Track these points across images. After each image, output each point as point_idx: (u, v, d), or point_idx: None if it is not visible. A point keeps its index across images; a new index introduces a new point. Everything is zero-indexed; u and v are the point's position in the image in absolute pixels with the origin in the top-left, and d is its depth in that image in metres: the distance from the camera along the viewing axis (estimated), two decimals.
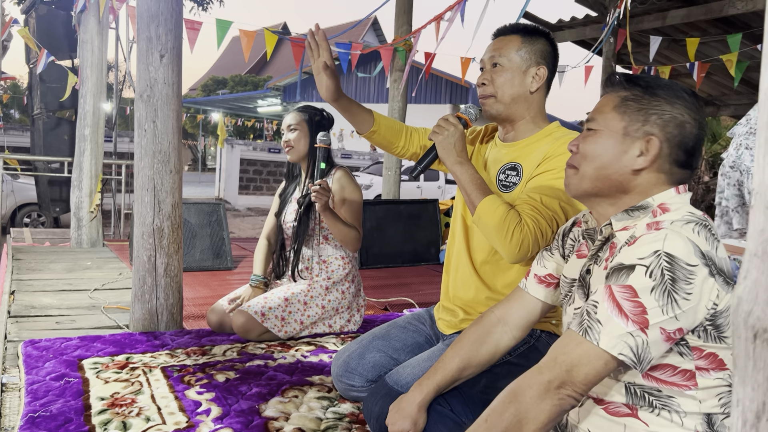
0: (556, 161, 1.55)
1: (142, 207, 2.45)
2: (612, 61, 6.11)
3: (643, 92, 1.08)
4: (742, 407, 0.65)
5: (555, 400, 0.97)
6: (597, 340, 0.94)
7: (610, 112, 1.09)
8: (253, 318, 2.33)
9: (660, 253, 0.93)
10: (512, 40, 1.63)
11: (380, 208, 4.60)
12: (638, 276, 0.94)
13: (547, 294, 1.30)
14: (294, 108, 2.63)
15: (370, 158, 17.60)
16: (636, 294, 0.93)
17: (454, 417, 1.23)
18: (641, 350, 0.93)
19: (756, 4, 5.01)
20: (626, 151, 1.07)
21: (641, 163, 1.06)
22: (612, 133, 1.08)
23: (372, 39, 29.55)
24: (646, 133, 1.06)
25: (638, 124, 1.07)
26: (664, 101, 1.06)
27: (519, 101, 1.63)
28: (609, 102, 1.11)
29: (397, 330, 1.81)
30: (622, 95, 1.10)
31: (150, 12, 2.39)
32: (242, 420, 1.65)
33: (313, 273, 2.52)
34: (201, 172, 26.14)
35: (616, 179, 1.08)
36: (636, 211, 1.07)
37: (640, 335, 0.93)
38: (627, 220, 1.08)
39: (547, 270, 1.30)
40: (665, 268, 0.92)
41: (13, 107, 26.50)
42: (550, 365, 0.99)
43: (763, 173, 0.63)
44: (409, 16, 5.17)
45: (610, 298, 0.96)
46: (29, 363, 2.02)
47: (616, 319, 0.94)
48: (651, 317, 0.92)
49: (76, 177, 4.77)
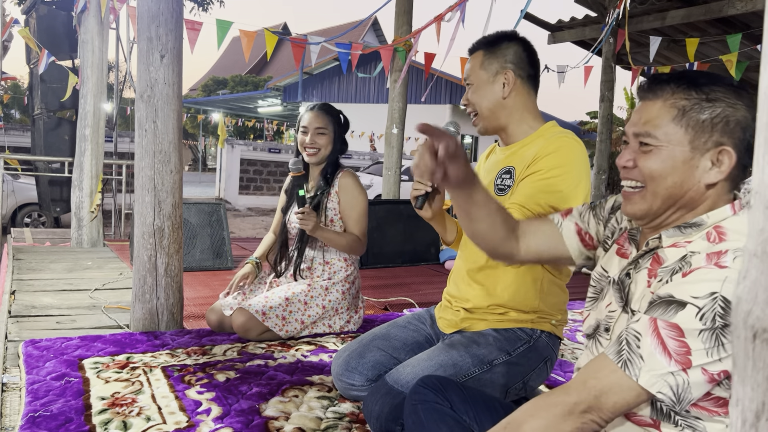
0: (544, 161, 1.57)
1: (143, 207, 2.46)
2: (611, 61, 6.11)
3: (701, 98, 0.98)
4: (741, 407, 0.66)
5: (578, 423, 0.94)
6: (637, 375, 0.90)
7: (670, 125, 0.99)
8: (254, 317, 2.33)
9: (717, 297, 0.87)
10: (476, 57, 1.71)
11: (380, 208, 4.60)
12: (688, 316, 0.88)
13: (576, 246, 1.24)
14: (317, 107, 2.51)
15: (370, 158, 17.59)
16: (683, 334, 0.88)
17: (454, 415, 1.23)
18: (681, 390, 0.89)
19: (756, 4, 5.01)
20: (697, 166, 0.98)
21: (715, 177, 0.98)
22: (677, 147, 0.99)
23: (372, 39, 29.54)
24: (715, 144, 0.97)
25: (705, 135, 0.97)
26: (726, 104, 0.98)
27: (497, 110, 1.69)
28: (664, 113, 1.00)
29: (397, 329, 1.82)
30: (679, 104, 0.99)
31: (150, 12, 2.39)
32: (242, 419, 1.65)
33: (315, 273, 2.53)
34: (201, 172, 26.13)
35: (689, 196, 1.00)
36: (689, 228, 1.00)
37: (681, 375, 0.88)
38: (678, 236, 1.01)
39: (589, 229, 1.23)
40: (719, 314, 0.87)
41: (14, 107, 26.51)
42: (578, 388, 0.95)
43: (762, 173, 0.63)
44: (409, 17, 5.17)
45: (655, 333, 0.91)
46: (30, 363, 2.02)
47: (660, 357, 0.89)
48: (695, 359, 0.88)
49: (76, 177, 4.77)
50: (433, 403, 1.26)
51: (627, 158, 1.04)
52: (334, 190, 2.51)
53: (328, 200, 2.51)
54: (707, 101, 0.98)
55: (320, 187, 2.52)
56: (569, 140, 1.60)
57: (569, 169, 1.57)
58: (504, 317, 1.66)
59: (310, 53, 4.79)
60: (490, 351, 1.60)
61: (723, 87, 0.98)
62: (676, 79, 1.01)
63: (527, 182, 1.58)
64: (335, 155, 2.53)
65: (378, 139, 20.36)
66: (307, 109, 2.53)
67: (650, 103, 1.03)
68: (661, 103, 1.01)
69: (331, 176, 2.52)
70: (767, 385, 0.64)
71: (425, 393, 1.27)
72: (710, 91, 0.98)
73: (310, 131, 2.47)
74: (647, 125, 1.01)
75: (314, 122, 2.47)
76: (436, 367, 1.56)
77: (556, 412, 0.95)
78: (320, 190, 2.51)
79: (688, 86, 1.00)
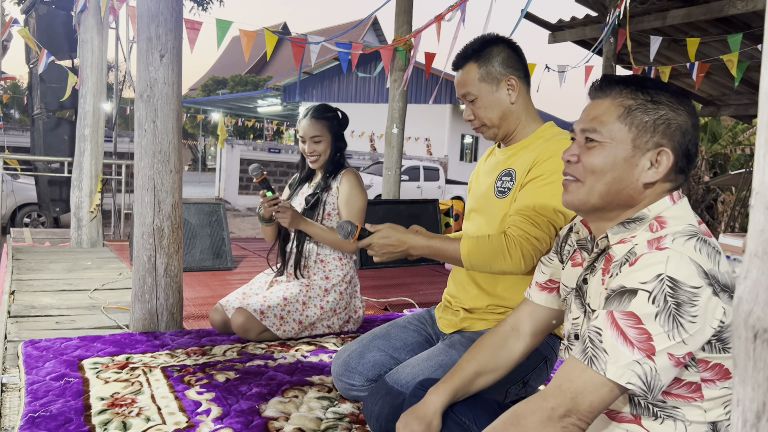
0: (544, 166, 1.57)
1: (142, 207, 2.45)
2: (612, 61, 6.11)
3: (647, 100, 1.03)
4: (742, 407, 0.65)
5: (558, 428, 0.95)
6: (604, 370, 0.92)
7: (615, 123, 1.03)
8: (253, 316, 2.34)
9: (663, 278, 0.90)
10: (470, 70, 1.66)
11: (380, 208, 4.60)
12: (641, 302, 0.91)
13: (549, 299, 1.28)
14: (310, 114, 2.51)
15: (370, 158, 17.59)
16: (640, 321, 0.91)
17: (454, 416, 1.23)
18: (650, 378, 0.90)
19: (756, 4, 5.01)
20: (636, 164, 1.02)
21: (653, 176, 1.02)
22: (620, 145, 1.03)
23: (372, 39, 29.55)
24: (656, 145, 1.01)
25: (647, 135, 1.02)
26: (669, 108, 1.02)
27: (507, 117, 1.67)
28: (611, 111, 1.04)
29: (397, 329, 1.81)
30: (625, 104, 1.03)
31: (150, 12, 2.39)
32: (242, 420, 1.65)
33: (311, 271, 2.53)
34: (201, 172, 26.13)
35: (627, 194, 1.03)
36: (632, 223, 1.04)
37: (647, 363, 0.90)
38: (623, 232, 1.04)
39: (546, 276, 1.29)
40: (668, 294, 0.90)
41: (13, 107, 26.51)
42: (554, 392, 0.96)
43: (763, 173, 0.63)
44: (409, 16, 5.17)
45: (614, 325, 0.93)
46: (29, 363, 2.02)
47: (622, 347, 0.91)
48: (657, 344, 0.90)
49: (76, 177, 4.77)
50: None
51: (572, 153, 1.08)
52: (335, 185, 2.52)
53: (329, 195, 2.52)
54: (652, 103, 1.03)
55: (320, 185, 2.53)
56: (568, 142, 1.60)
57: None
58: (504, 317, 1.66)
59: (309, 53, 4.79)
60: None
61: (668, 92, 1.04)
62: (625, 81, 1.06)
63: (530, 189, 1.57)
64: (335, 155, 2.55)
65: (378, 139, 20.37)
66: (303, 114, 2.54)
67: (599, 102, 1.07)
68: (609, 102, 1.06)
69: (332, 175, 2.54)
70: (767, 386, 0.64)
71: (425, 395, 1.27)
72: (655, 94, 1.03)
73: (306, 140, 2.49)
74: (594, 122, 1.06)
75: (309, 131, 2.48)
76: (436, 367, 1.55)
77: (535, 419, 0.96)
78: (320, 188, 2.52)
79: (636, 88, 1.04)
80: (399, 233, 1.58)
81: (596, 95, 1.09)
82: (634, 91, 1.04)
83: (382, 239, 1.57)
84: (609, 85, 1.07)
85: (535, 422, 0.96)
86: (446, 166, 17.84)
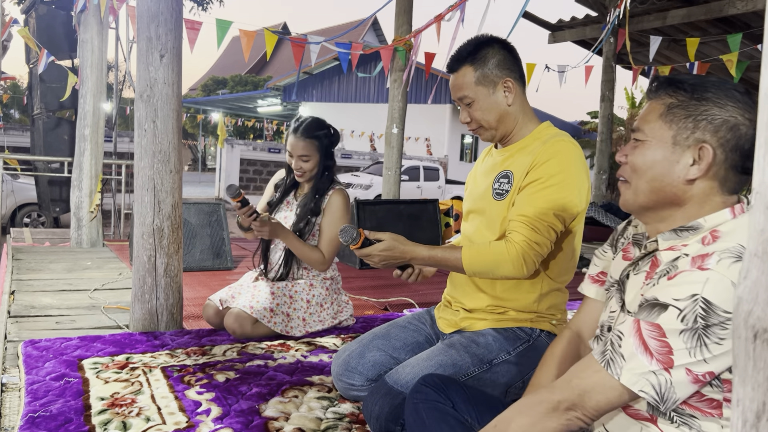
0: (542, 169, 1.56)
1: (142, 207, 2.45)
2: (612, 61, 6.11)
3: (689, 97, 1.02)
4: (742, 407, 0.65)
5: (562, 420, 0.98)
6: (618, 374, 0.93)
7: (656, 121, 1.04)
8: (243, 311, 2.38)
9: (697, 299, 0.89)
10: (466, 73, 1.65)
11: (380, 208, 4.60)
12: (670, 317, 0.91)
13: (601, 292, 1.26)
14: (300, 131, 2.45)
15: (370, 158, 17.59)
16: (664, 334, 0.91)
17: (456, 414, 1.23)
18: (665, 389, 0.90)
19: (756, 4, 5.01)
20: (678, 161, 1.02)
21: (695, 173, 1.01)
22: (660, 143, 1.03)
23: (372, 39, 29.55)
24: (697, 141, 1.00)
25: (687, 131, 1.01)
26: (713, 104, 1.00)
27: (505, 118, 1.67)
28: (654, 110, 1.06)
29: (397, 329, 1.81)
30: (667, 102, 1.04)
31: (150, 12, 2.39)
32: (242, 420, 1.65)
33: (294, 278, 2.57)
34: (201, 172, 26.13)
35: (671, 191, 1.03)
36: (685, 231, 1.02)
37: (663, 374, 0.90)
38: (675, 239, 1.03)
39: (598, 268, 1.28)
40: (699, 315, 0.88)
41: (13, 107, 26.50)
42: (563, 386, 0.99)
43: (763, 173, 0.63)
44: (409, 16, 5.18)
45: (637, 333, 0.93)
46: (29, 363, 2.02)
47: (641, 356, 0.92)
48: (677, 358, 0.90)
49: (76, 177, 4.77)
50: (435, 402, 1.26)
51: (623, 154, 1.10)
52: (321, 207, 2.52)
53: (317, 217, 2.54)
54: (694, 100, 1.02)
55: (309, 208, 2.51)
56: (565, 144, 1.59)
57: (569, 174, 1.56)
58: (503, 317, 1.66)
59: (309, 53, 4.79)
60: (490, 350, 1.60)
61: (715, 88, 1.02)
62: (672, 80, 1.07)
63: (530, 192, 1.57)
64: (323, 173, 2.52)
65: (378, 139, 20.37)
66: (293, 128, 2.49)
67: (649, 103, 1.09)
68: (654, 102, 1.07)
69: (321, 195, 2.53)
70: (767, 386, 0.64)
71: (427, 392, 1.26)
72: (700, 91, 1.02)
73: (294, 157, 2.48)
74: (640, 122, 1.08)
75: (297, 149, 2.46)
76: (436, 366, 1.55)
77: (541, 409, 1.00)
78: (310, 212, 2.51)
79: (680, 86, 1.04)
80: (402, 245, 1.60)
81: (649, 97, 1.10)
82: (676, 89, 1.04)
83: (385, 251, 1.58)
84: (660, 85, 1.08)
85: (540, 412, 0.99)
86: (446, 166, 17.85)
